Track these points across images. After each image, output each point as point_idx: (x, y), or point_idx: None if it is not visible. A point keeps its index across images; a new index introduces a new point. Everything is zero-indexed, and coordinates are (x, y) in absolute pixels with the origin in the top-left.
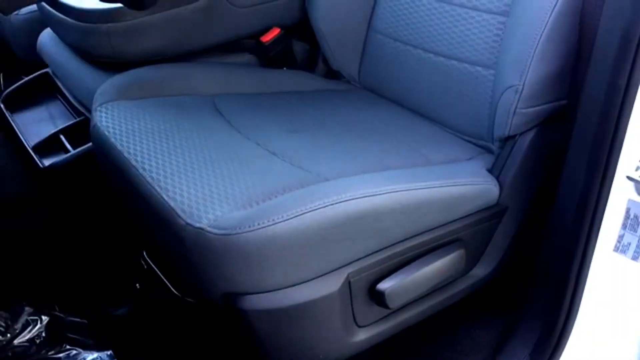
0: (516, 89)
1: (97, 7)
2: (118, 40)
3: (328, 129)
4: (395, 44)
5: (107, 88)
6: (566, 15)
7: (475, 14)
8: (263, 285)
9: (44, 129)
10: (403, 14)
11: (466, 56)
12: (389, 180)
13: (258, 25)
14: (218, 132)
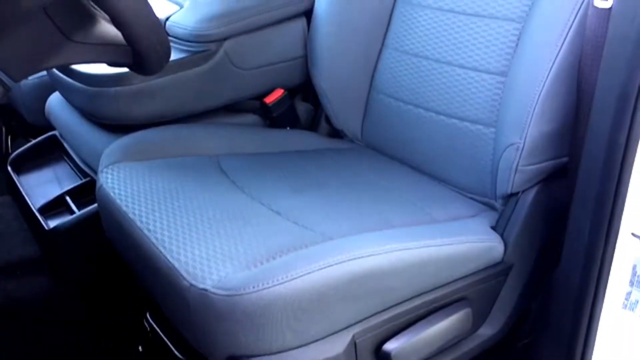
0: (517, 146)
1: (105, 72)
2: (125, 103)
3: (332, 187)
4: (397, 103)
5: (113, 150)
6: (563, 75)
7: (474, 74)
8: (267, 347)
9: (50, 190)
10: (404, 75)
11: (467, 115)
12: (393, 239)
13: (262, 86)
14: (222, 192)
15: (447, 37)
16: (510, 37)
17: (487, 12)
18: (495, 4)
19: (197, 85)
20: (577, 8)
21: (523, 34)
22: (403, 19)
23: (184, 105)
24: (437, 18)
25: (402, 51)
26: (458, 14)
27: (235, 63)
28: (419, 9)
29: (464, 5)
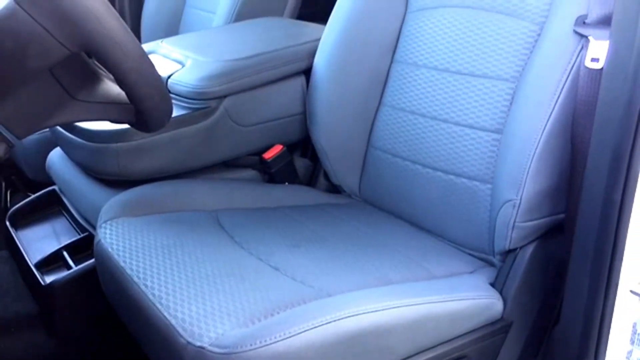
0: (514, 203)
1: (106, 128)
2: (125, 159)
3: (330, 243)
4: (394, 160)
5: (112, 205)
6: (558, 133)
7: (470, 131)
8: None
9: (48, 245)
10: (401, 131)
11: (463, 171)
12: (391, 295)
13: (261, 142)
14: (221, 247)
15: (442, 95)
16: (505, 95)
17: (481, 72)
18: (489, 65)
19: (197, 142)
20: (569, 68)
21: (517, 93)
22: (399, 77)
23: (183, 160)
24: (432, 77)
25: (398, 108)
26: (453, 74)
27: (235, 120)
28: (414, 68)
29: (458, 65)
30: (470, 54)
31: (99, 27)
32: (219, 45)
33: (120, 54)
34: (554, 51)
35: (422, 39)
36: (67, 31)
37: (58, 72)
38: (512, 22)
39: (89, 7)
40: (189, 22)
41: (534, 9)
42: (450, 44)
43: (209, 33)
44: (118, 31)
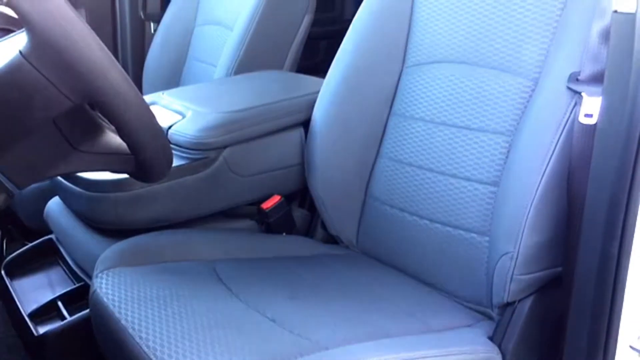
0: (511, 256)
1: (105, 178)
2: (123, 209)
3: (327, 295)
4: (392, 211)
5: (109, 255)
6: (554, 186)
7: (467, 183)
8: None
9: (42, 295)
10: (398, 183)
11: (461, 223)
12: (388, 349)
13: (259, 192)
14: (217, 298)
15: (439, 147)
16: (501, 149)
17: (477, 126)
18: (484, 118)
19: (195, 191)
20: (564, 123)
21: (512, 146)
22: (397, 130)
23: (182, 210)
24: (429, 130)
25: (396, 160)
26: (450, 127)
27: (234, 170)
28: (411, 121)
29: (454, 118)
30: (467, 107)
31: (103, 80)
32: (219, 97)
33: (123, 106)
34: (548, 106)
35: (419, 93)
36: (72, 83)
37: (61, 122)
38: (507, 78)
39: (94, 60)
40: (191, 74)
41: (528, 65)
42: (447, 98)
43: (209, 85)
44: (121, 84)
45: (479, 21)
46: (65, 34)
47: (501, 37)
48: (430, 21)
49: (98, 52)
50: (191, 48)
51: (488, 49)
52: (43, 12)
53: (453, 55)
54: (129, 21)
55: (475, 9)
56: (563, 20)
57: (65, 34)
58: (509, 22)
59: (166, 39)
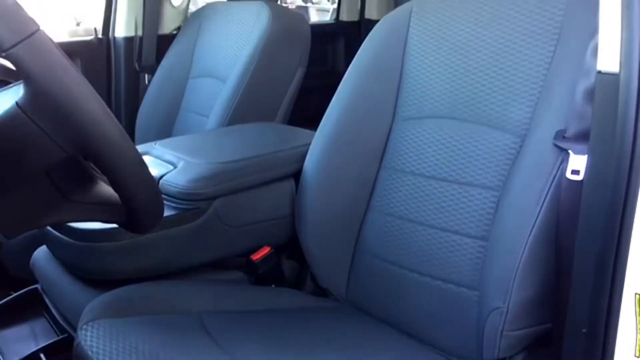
0: (501, 311)
1: (94, 227)
2: (111, 259)
3: (315, 349)
4: (382, 264)
5: (94, 306)
6: (543, 241)
7: (456, 237)
8: None
9: (25, 347)
10: (388, 235)
11: (451, 277)
12: None
13: (249, 244)
14: (204, 352)
15: (429, 201)
16: (489, 203)
17: (466, 180)
18: (473, 173)
19: (185, 242)
20: (551, 179)
21: (501, 201)
22: (387, 183)
23: (171, 261)
24: (419, 183)
25: (386, 213)
26: (439, 181)
27: (224, 221)
28: (401, 175)
29: (444, 172)
30: (456, 162)
31: (97, 132)
32: (211, 148)
33: (116, 158)
34: (536, 162)
35: (409, 147)
36: (67, 135)
37: (53, 172)
38: (495, 134)
39: (88, 111)
40: (183, 125)
41: (516, 122)
42: (437, 152)
43: (202, 136)
44: (115, 135)
45: (467, 78)
46: (62, 86)
47: (489, 94)
48: (420, 77)
49: (93, 104)
50: (184, 99)
51: (477, 105)
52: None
53: (442, 110)
54: (124, 72)
55: (464, 67)
56: (549, 80)
57: (62, 86)
58: (497, 80)
59: (160, 90)
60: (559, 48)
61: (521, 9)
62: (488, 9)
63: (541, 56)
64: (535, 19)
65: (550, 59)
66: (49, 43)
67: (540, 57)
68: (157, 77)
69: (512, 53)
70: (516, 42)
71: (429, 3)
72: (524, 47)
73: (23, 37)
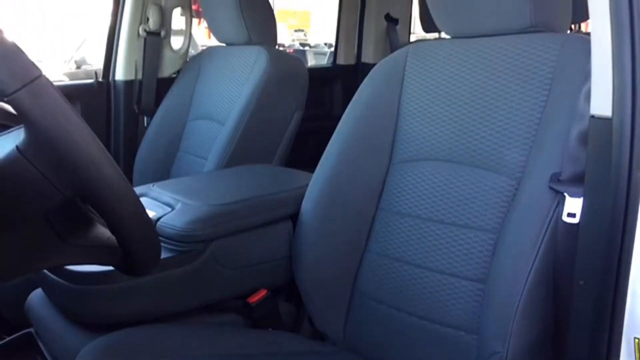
0: (501, 355)
1: (89, 270)
2: (107, 302)
3: None
4: (380, 307)
5: (88, 351)
6: (540, 284)
7: (454, 280)
8: None
9: None
10: (386, 278)
11: (449, 321)
12: None
13: (246, 286)
14: None
15: (427, 243)
16: (487, 246)
17: (463, 222)
18: (470, 215)
19: (181, 285)
20: (547, 222)
21: (498, 244)
22: (385, 225)
23: (167, 304)
24: (417, 225)
25: (384, 255)
26: (436, 223)
27: (221, 263)
28: (399, 217)
29: (441, 215)
30: (452, 204)
31: (96, 175)
32: (208, 190)
33: (115, 201)
34: (532, 205)
35: (406, 189)
36: (66, 178)
37: (51, 215)
38: (491, 176)
39: (88, 154)
40: (181, 167)
41: (511, 165)
42: (433, 195)
43: (199, 178)
44: (114, 178)
45: (462, 121)
46: (63, 131)
47: (484, 137)
48: (416, 120)
49: (93, 149)
50: (183, 141)
51: (472, 148)
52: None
53: (439, 153)
54: (123, 114)
55: (459, 110)
56: (543, 123)
57: (63, 131)
58: (492, 123)
59: (159, 133)
60: (552, 92)
61: (515, 54)
62: (483, 54)
63: (535, 100)
64: (528, 64)
65: (544, 102)
66: (51, 89)
67: (535, 101)
68: (155, 119)
69: (507, 97)
70: (510, 87)
71: (424, 48)
72: (518, 91)
73: (25, 82)
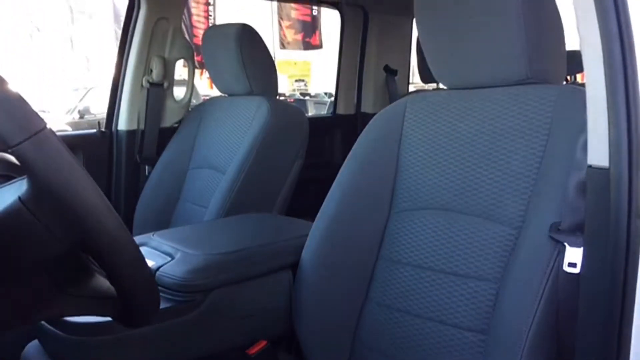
0: None
1: (88, 321)
2: (104, 353)
3: None
4: (380, 357)
5: None
6: (543, 334)
7: (455, 331)
8: None
9: None
10: (387, 329)
11: None
12: None
13: (245, 337)
14: None
15: (427, 293)
16: (488, 296)
17: (464, 272)
18: (471, 265)
19: (180, 335)
20: (548, 272)
21: (500, 294)
22: (385, 274)
23: (165, 355)
24: (417, 275)
25: (384, 305)
26: (437, 272)
27: (221, 313)
28: (399, 266)
29: (441, 264)
30: (452, 254)
31: (97, 225)
32: (208, 239)
33: (115, 251)
34: (532, 255)
35: (406, 238)
36: (66, 228)
37: (50, 266)
38: (491, 226)
39: (90, 206)
40: (182, 215)
41: (510, 214)
42: (433, 244)
43: (200, 227)
44: (116, 229)
45: (461, 171)
46: (66, 182)
47: (483, 186)
48: (416, 169)
49: (95, 200)
50: (184, 190)
51: (472, 197)
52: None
53: (439, 202)
54: (125, 164)
55: (457, 160)
56: (542, 173)
57: (66, 182)
58: (490, 172)
59: (160, 181)
60: (549, 142)
61: (512, 104)
62: (480, 104)
63: (533, 150)
64: (525, 115)
65: (542, 152)
66: (55, 141)
67: (532, 150)
68: (157, 168)
69: (505, 147)
70: (508, 137)
71: (423, 98)
72: (516, 141)
73: (29, 134)
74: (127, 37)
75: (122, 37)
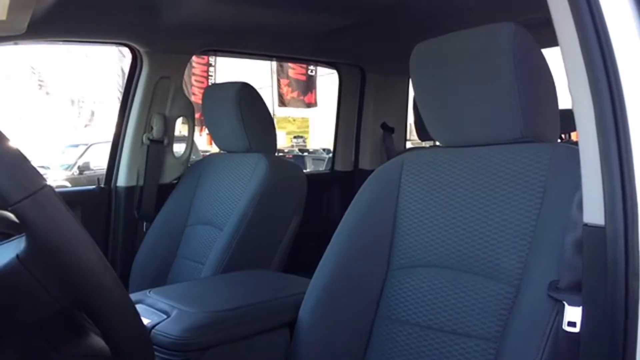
0: None
1: None
2: None
3: None
4: None
5: None
6: None
7: None
8: None
9: None
10: None
11: None
12: None
13: None
14: None
15: (426, 352)
16: (488, 355)
17: (463, 330)
18: (469, 323)
19: None
20: (548, 331)
21: (499, 353)
22: (383, 333)
23: None
24: (415, 333)
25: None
26: (436, 331)
27: None
28: (397, 325)
29: (440, 322)
30: (451, 312)
31: (94, 284)
32: (205, 296)
33: (110, 310)
34: (531, 314)
35: (404, 296)
36: (63, 287)
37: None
38: (489, 284)
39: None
40: (179, 272)
41: (508, 272)
42: (432, 302)
43: (196, 284)
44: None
45: (458, 228)
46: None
47: (480, 244)
48: (413, 226)
49: (93, 258)
50: (181, 246)
51: (469, 255)
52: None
53: (436, 260)
54: (123, 220)
55: (454, 217)
56: (538, 231)
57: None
58: (487, 230)
59: (157, 238)
60: (545, 200)
61: (507, 162)
62: (476, 162)
63: (529, 207)
64: (521, 172)
65: (538, 210)
66: (55, 199)
67: (529, 208)
68: (155, 224)
69: (501, 204)
70: (504, 195)
71: (420, 155)
72: (512, 198)
73: (30, 193)
74: (129, 94)
75: (124, 95)
